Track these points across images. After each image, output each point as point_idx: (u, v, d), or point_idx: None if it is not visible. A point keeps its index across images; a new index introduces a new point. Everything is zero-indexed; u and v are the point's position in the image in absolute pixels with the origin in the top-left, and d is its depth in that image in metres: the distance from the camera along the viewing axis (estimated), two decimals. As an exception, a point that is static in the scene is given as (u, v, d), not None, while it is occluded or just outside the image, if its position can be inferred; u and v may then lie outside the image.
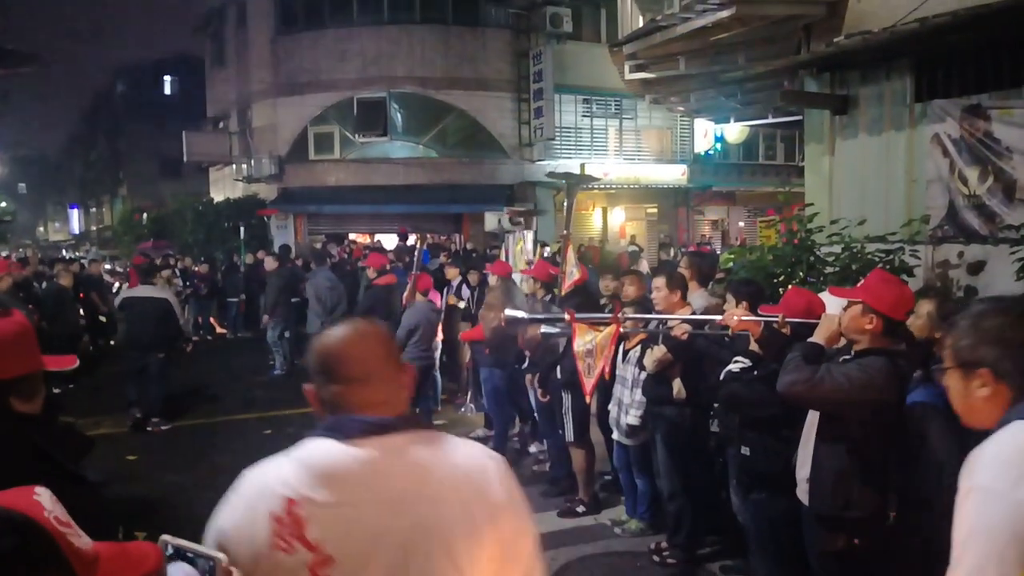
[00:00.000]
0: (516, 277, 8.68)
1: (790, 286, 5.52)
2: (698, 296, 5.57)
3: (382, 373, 1.75)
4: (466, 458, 1.75)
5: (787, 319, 3.90)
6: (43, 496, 1.45)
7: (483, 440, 8.16)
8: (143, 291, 9.42)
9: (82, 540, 1.46)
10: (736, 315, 4.10)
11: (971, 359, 1.83)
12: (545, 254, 8.42)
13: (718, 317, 4.35)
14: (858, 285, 3.86)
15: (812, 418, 3.54)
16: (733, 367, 4.21)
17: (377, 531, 1.60)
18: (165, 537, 1.64)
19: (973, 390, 1.83)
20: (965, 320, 1.89)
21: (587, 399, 5.54)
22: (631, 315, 5.20)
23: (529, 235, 9.44)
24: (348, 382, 1.74)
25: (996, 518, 1.61)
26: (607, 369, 5.01)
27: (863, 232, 6.62)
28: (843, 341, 3.55)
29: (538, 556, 1.82)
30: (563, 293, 6.66)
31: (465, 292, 9.89)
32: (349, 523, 1.59)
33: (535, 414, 7.20)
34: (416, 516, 1.61)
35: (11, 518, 1.37)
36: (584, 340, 4.94)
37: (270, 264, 12.68)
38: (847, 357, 3.43)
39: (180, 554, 1.62)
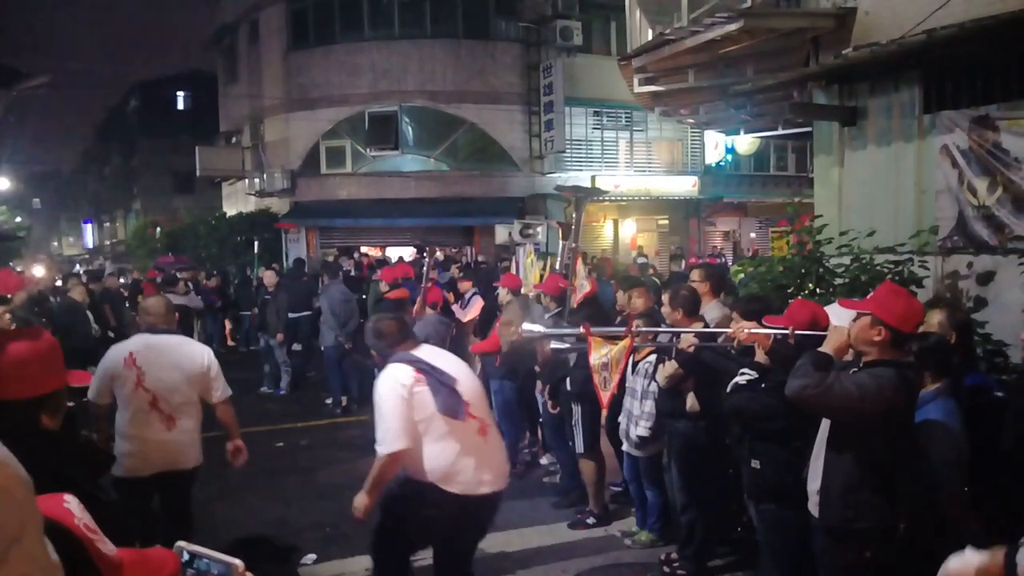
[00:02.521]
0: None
1: (798, 298, 5.53)
2: (712, 307, 5.58)
3: (167, 313, 4.79)
4: (197, 345, 5.03)
5: (796, 331, 3.92)
6: (72, 504, 1.50)
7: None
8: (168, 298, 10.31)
9: (107, 546, 1.51)
10: (745, 328, 4.12)
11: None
12: (556, 267, 8.42)
13: (728, 331, 4.38)
14: (867, 297, 3.88)
15: (823, 431, 3.55)
16: (739, 379, 4.23)
17: (162, 363, 4.56)
18: (180, 543, 1.68)
19: None
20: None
21: (604, 411, 5.57)
22: (645, 328, 5.22)
23: (563, 246, 9.39)
24: (154, 316, 4.73)
25: (390, 402, 3.74)
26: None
27: (872, 243, 6.62)
28: (851, 354, 3.57)
29: (218, 386, 4.84)
30: (574, 306, 6.68)
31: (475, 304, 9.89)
32: (153, 360, 4.54)
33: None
34: (174, 359, 4.64)
35: (45, 524, 1.41)
36: (600, 354, 4.98)
37: (270, 279, 12.33)
38: (856, 370, 3.45)
39: (195, 560, 1.66)
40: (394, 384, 3.75)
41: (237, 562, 1.65)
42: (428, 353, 3.99)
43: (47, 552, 1.42)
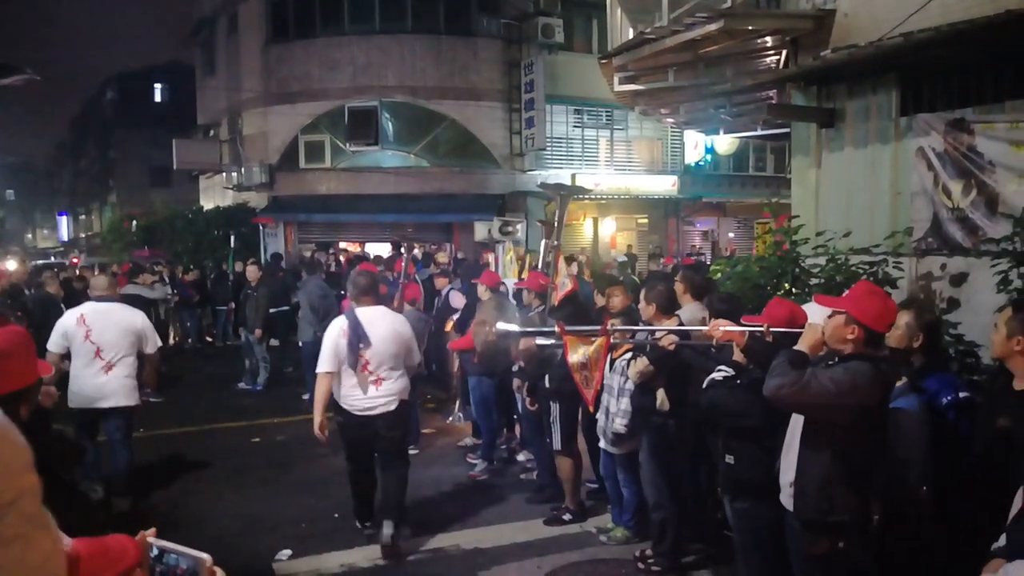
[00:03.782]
0: (508, 283, 8.71)
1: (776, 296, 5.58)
2: (691, 308, 5.60)
3: (110, 287, 6.71)
4: (132, 310, 6.63)
5: (771, 328, 3.94)
6: None
7: (471, 448, 8.19)
8: (129, 289, 12.30)
9: (63, 541, 1.49)
10: (721, 326, 4.15)
11: None
12: (538, 264, 8.43)
13: (704, 328, 4.39)
14: (844, 295, 3.91)
15: (796, 423, 3.57)
16: (716, 375, 4.26)
17: (105, 323, 6.29)
18: (149, 539, 1.67)
19: None
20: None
21: (591, 409, 5.61)
22: (619, 327, 5.23)
23: (544, 244, 9.34)
24: (99, 290, 6.56)
25: (329, 339, 5.58)
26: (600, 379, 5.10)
27: (848, 244, 6.68)
28: (825, 350, 3.60)
29: (149, 342, 6.59)
30: (555, 304, 6.69)
31: (458, 300, 9.83)
32: (97, 320, 6.27)
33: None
34: (114, 320, 6.37)
35: None
36: (577, 353, 5.00)
37: (253, 274, 12.08)
38: (832, 363, 3.48)
39: (163, 555, 1.65)
40: (334, 328, 5.62)
41: (205, 556, 1.64)
42: (372, 315, 5.63)
43: (44, 514, 1.51)
